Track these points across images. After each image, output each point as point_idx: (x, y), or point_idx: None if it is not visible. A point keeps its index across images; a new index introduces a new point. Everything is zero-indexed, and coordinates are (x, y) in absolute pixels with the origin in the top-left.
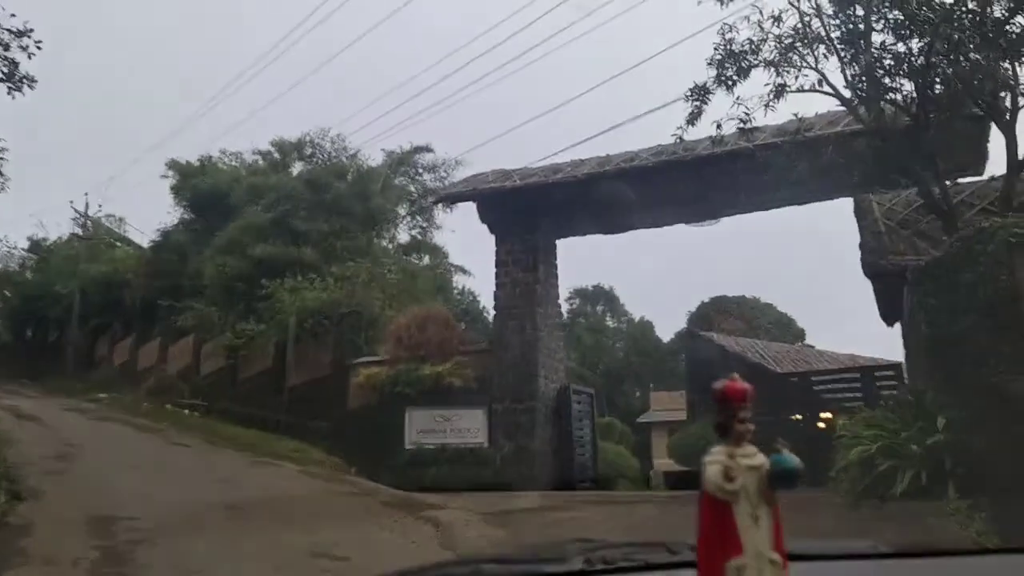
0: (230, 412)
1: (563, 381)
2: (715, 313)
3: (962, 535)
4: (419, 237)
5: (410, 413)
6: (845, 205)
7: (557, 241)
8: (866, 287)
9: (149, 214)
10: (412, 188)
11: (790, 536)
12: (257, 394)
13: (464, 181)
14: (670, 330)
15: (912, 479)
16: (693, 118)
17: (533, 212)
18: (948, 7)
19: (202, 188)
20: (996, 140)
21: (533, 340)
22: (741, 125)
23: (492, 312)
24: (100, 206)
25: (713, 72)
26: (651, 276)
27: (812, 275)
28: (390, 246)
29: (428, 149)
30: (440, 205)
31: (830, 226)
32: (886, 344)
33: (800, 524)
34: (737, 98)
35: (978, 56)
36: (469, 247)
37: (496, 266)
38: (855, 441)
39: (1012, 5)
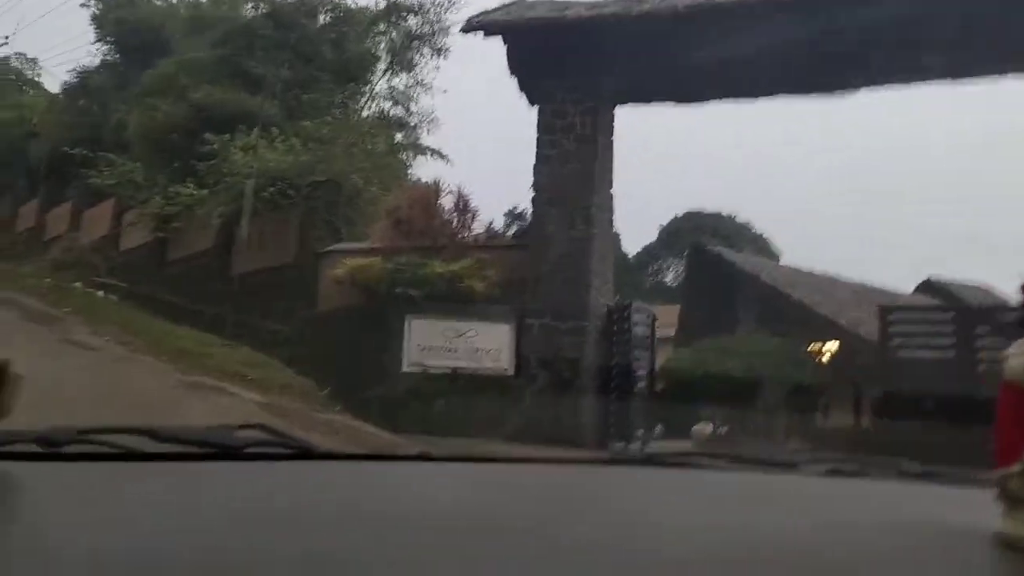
0: (156, 300)
1: (612, 295)
2: (689, 229)
3: None
4: (403, 100)
5: (411, 322)
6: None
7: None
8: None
9: (70, 57)
10: (394, 34)
11: None
12: (193, 280)
13: (500, 9)
14: (638, 243)
15: None
16: None
17: (593, 63)
18: None
19: (129, 21)
20: None
21: (585, 237)
22: None
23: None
24: (6, 40)
25: None
26: (620, 184)
27: (791, 192)
28: (367, 110)
29: None
30: (432, 55)
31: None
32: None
33: None
34: None
35: None
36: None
37: (539, 131)
38: None
39: None
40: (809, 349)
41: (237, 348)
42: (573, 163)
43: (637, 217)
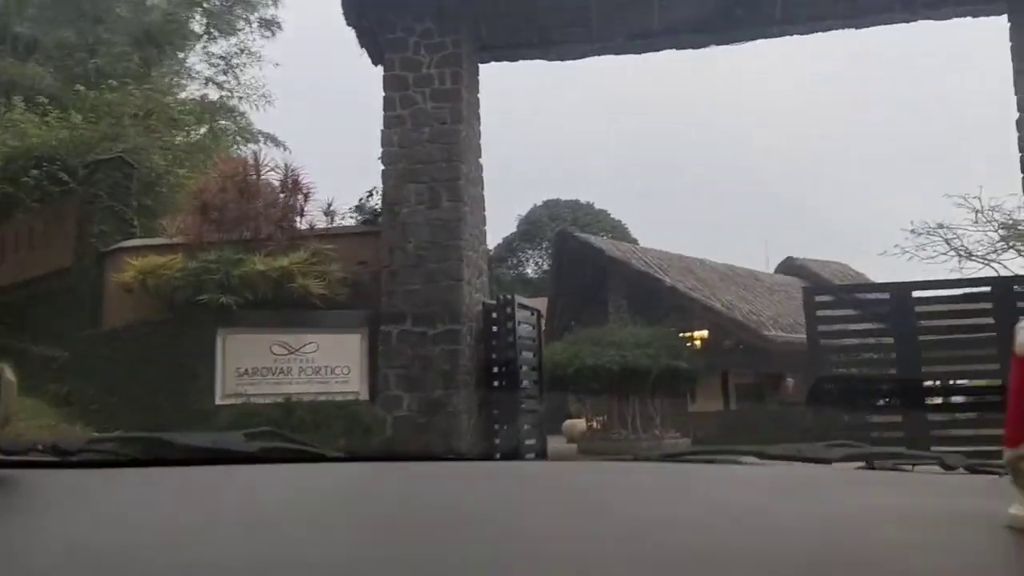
0: None
1: (489, 289)
2: (548, 218)
3: None
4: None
5: (225, 339)
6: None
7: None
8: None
9: None
10: None
11: None
12: None
13: None
14: (497, 235)
15: None
16: None
17: (450, 4)
18: None
19: None
20: None
21: (453, 219)
22: None
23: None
24: None
25: None
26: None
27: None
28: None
29: None
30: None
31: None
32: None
33: None
34: None
35: None
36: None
37: (386, 88)
38: None
39: None
40: (683, 335)
41: None
42: (432, 126)
43: (494, 207)
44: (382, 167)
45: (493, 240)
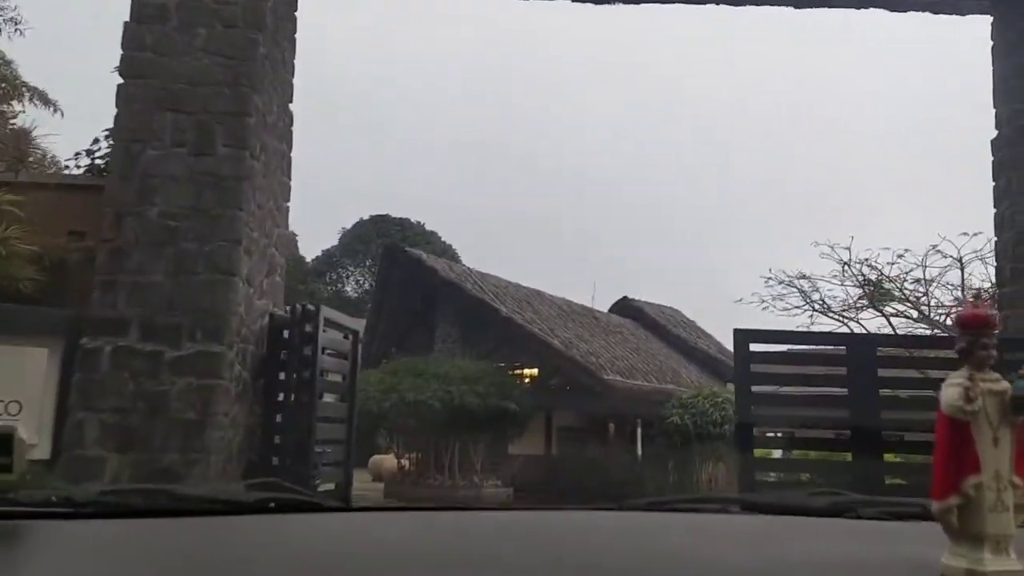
0: None
1: (283, 296)
2: (375, 234)
3: None
4: None
5: None
6: None
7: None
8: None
9: None
10: None
11: None
12: None
13: None
14: (316, 248)
15: None
16: None
17: None
18: None
19: None
20: None
21: (233, 176)
22: None
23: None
24: None
25: None
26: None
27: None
28: None
29: None
30: None
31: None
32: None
33: None
34: None
35: None
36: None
37: None
38: None
39: None
40: (516, 372)
41: None
42: (213, 27)
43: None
44: (120, 81)
45: (311, 249)
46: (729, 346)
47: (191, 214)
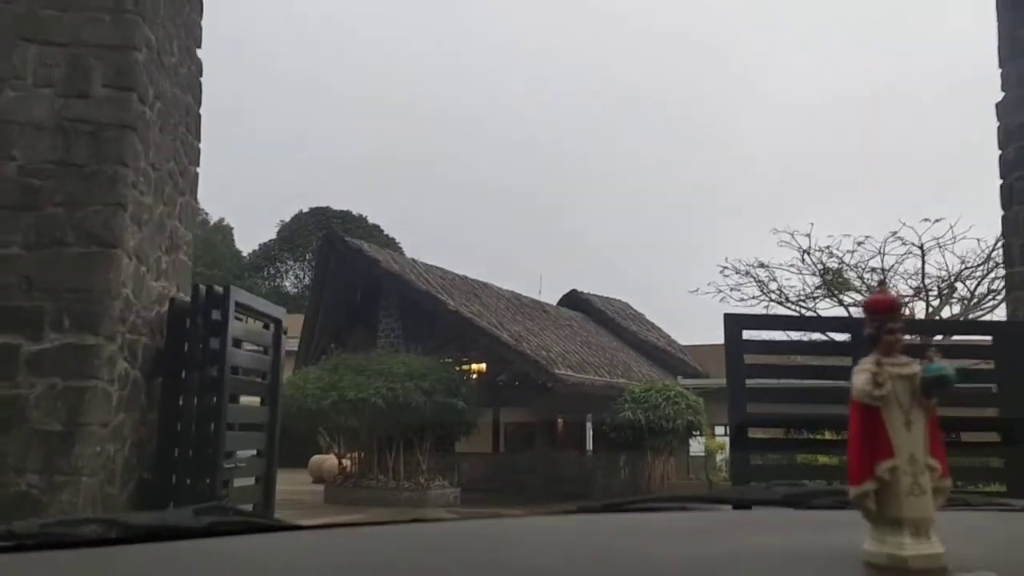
0: None
1: (189, 276)
2: (314, 226)
3: None
4: None
5: None
6: None
7: None
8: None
9: None
10: None
11: None
12: None
13: None
14: (253, 241)
15: None
16: None
17: None
18: None
19: None
20: None
21: (116, 124)
22: None
23: None
24: None
25: None
26: (236, 168)
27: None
28: None
29: None
30: None
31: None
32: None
33: None
34: None
35: None
36: None
37: None
38: None
39: None
40: (464, 368)
41: None
42: None
43: (251, 210)
44: None
45: (248, 243)
46: (678, 338)
47: (59, 171)
